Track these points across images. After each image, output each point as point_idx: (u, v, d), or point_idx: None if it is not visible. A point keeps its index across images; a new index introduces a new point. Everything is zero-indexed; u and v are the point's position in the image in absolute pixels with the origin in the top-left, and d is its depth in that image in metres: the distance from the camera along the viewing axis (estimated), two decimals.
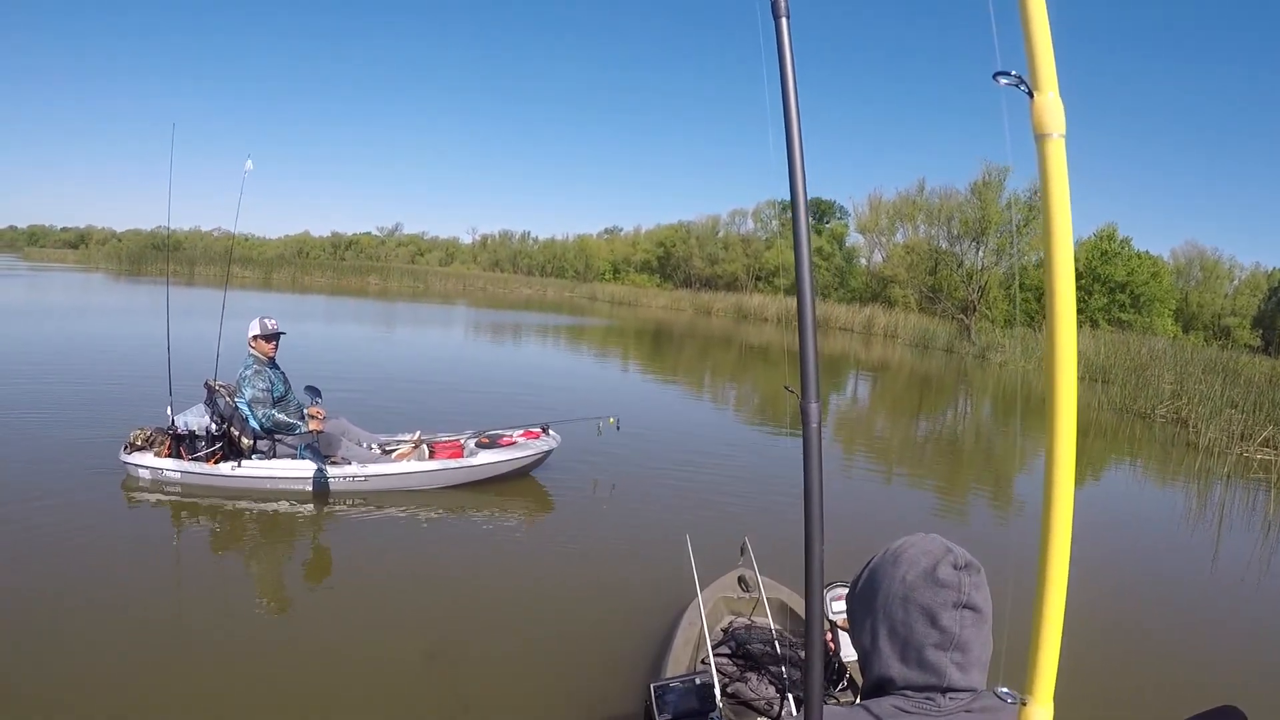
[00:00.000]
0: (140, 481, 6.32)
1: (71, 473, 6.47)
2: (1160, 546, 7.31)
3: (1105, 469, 10.79)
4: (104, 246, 79.04)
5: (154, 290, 33.29)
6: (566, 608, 4.79)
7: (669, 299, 48.75)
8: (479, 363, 17.21)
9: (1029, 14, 0.87)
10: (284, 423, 6.35)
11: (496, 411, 9.71)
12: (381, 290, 48.92)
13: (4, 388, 9.55)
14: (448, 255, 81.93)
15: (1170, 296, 38.69)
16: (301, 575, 5.28)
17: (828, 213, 56.79)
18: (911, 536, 1.33)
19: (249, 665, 3.86)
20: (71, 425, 7.93)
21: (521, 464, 7.08)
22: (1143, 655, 4.84)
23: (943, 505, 8.05)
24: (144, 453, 6.35)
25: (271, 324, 6.57)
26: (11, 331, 15.60)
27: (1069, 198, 0.88)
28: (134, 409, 7.74)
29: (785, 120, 1.37)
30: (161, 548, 5.46)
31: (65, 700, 3.46)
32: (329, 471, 6.34)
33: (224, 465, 6.26)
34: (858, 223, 46.57)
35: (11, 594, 4.39)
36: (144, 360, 10.93)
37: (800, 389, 1.34)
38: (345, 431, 6.76)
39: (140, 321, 19.18)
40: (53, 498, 5.89)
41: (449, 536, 5.95)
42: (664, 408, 12.80)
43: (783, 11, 1.34)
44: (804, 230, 1.37)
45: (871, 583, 1.33)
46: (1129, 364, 19.33)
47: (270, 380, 6.48)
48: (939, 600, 1.20)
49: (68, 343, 14.29)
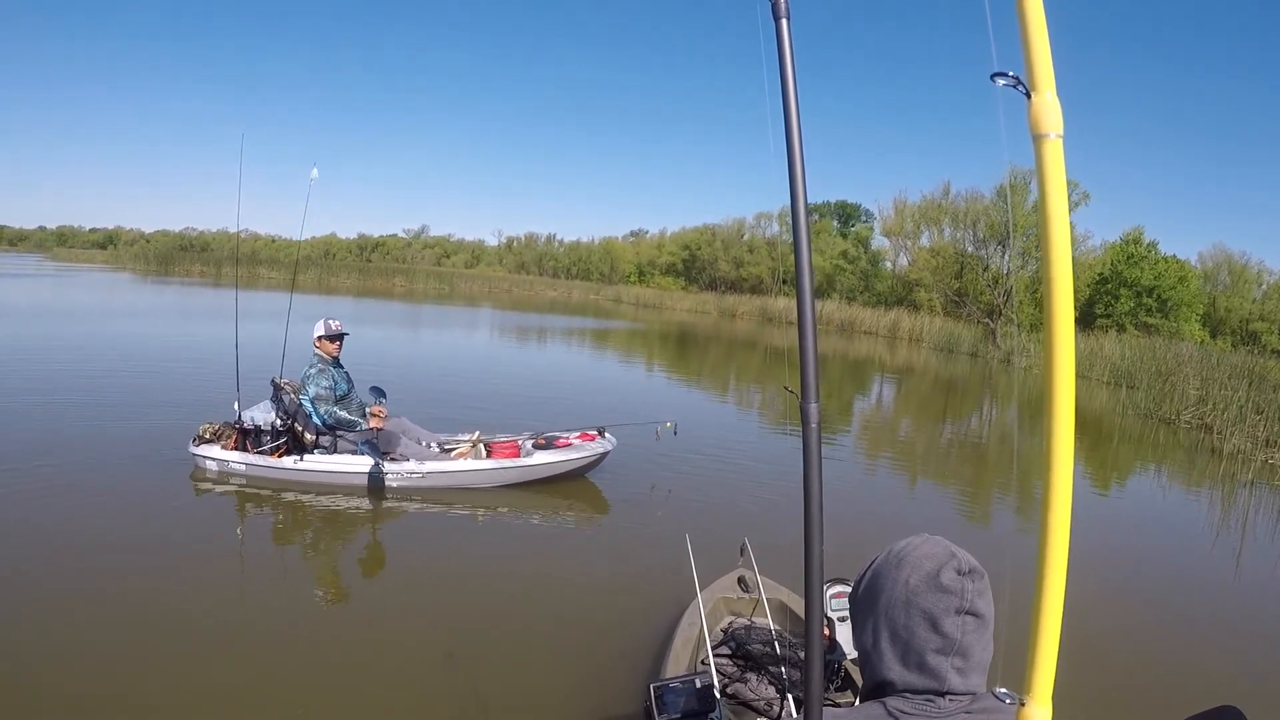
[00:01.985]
0: (208, 472, 6.66)
1: (144, 461, 6.91)
2: (1182, 552, 7.33)
3: (1129, 474, 10.81)
4: (132, 247, 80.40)
5: (213, 293, 34.05)
6: (566, 608, 4.82)
7: (694, 302, 48.77)
8: (530, 366, 17.53)
9: (1026, 15, 0.88)
10: (345, 419, 6.62)
11: (550, 415, 9.90)
12: (407, 292, 49.11)
13: (85, 382, 10.34)
14: (474, 257, 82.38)
15: (1197, 301, 37.99)
16: (349, 567, 5.50)
17: (853, 216, 56.73)
18: (915, 538, 1.33)
19: (292, 652, 4.04)
20: (146, 418, 8.47)
21: (575, 466, 7.15)
22: (1160, 659, 4.86)
23: (959, 507, 8.14)
24: (212, 445, 6.68)
25: (335, 325, 6.86)
26: (88, 331, 16.80)
27: (1066, 197, 0.89)
28: (204, 404, 8.07)
29: (785, 121, 1.39)
30: (225, 535, 5.78)
31: (128, 669, 3.72)
32: (386, 468, 6.55)
33: (287, 459, 6.56)
34: (883, 226, 46.47)
35: (85, 571, 4.75)
36: (213, 359, 11.47)
37: (800, 389, 1.39)
38: (406, 430, 6.98)
39: (203, 323, 20.05)
40: (126, 484, 6.32)
41: (493, 536, 6.08)
42: (690, 409, 12.87)
43: (783, 13, 1.36)
44: (804, 231, 1.38)
45: (874, 584, 1.33)
46: (1155, 369, 19.22)
47: (333, 379, 6.74)
48: (941, 606, 1.21)
49: (140, 342, 15.21)
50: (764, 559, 3.45)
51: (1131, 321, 34.44)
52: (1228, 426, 13.58)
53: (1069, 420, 0.86)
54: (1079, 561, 4.45)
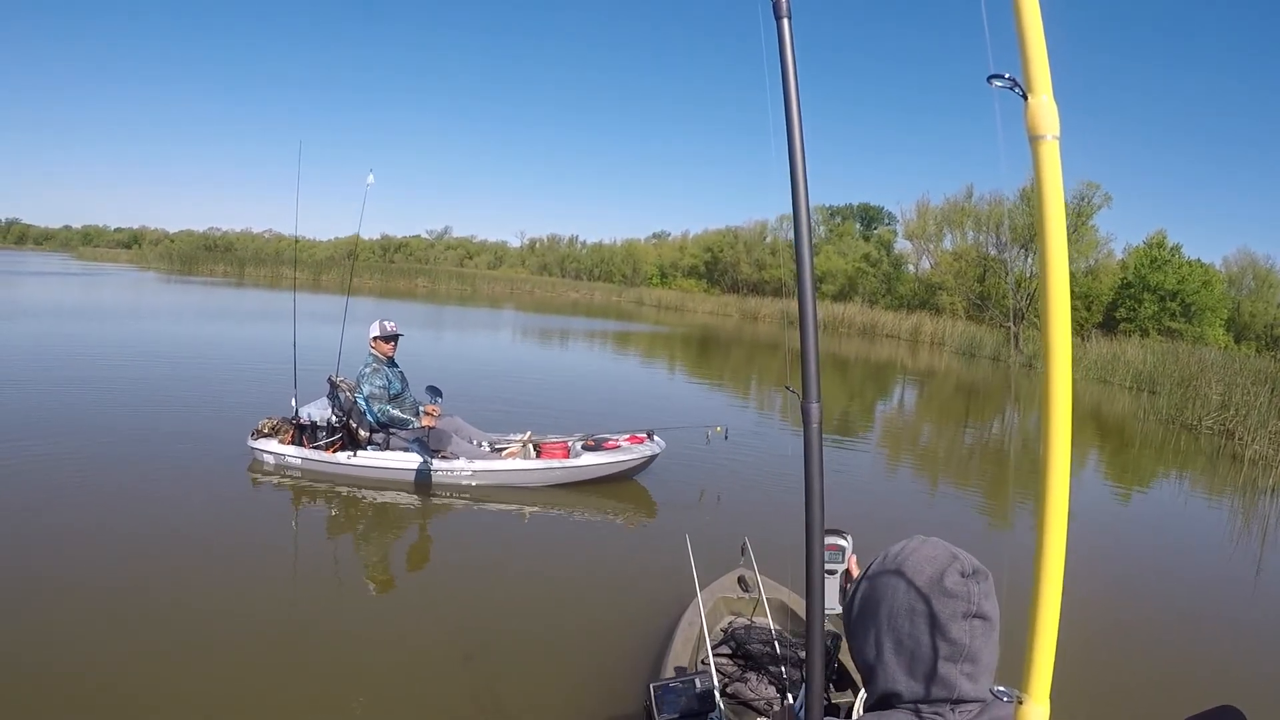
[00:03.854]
0: (265, 465, 7.00)
1: (206, 452, 7.34)
2: (1200, 557, 7.35)
3: (1149, 480, 10.86)
4: (156, 247, 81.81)
5: (268, 296, 34.65)
6: (565, 607, 4.85)
7: (715, 304, 48.80)
8: (566, 369, 17.77)
9: (1022, 17, 0.88)
10: (397, 418, 6.88)
11: (591, 417, 10.20)
12: (430, 293, 49.26)
13: (151, 378, 11.07)
14: (496, 259, 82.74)
15: (1222, 305, 37.51)
16: (387, 560, 5.69)
17: (876, 219, 56.66)
18: (910, 541, 1.28)
19: (337, 642, 4.20)
20: (208, 412, 9.04)
21: (622, 468, 7.22)
22: (1170, 661, 4.89)
23: (974, 510, 8.18)
24: (269, 439, 7.01)
25: (390, 326, 7.12)
26: (154, 330, 17.97)
27: (1063, 198, 0.89)
28: (263, 400, 8.52)
29: (786, 121, 1.39)
30: (280, 526, 6.12)
31: (181, 644, 3.97)
32: (435, 465, 6.79)
33: (341, 454, 6.84)
34: (905, 229, 46.39)
35: (144, 555, 5.07)
36: (272, 357, 11.93)
37: (801, 389, 1.40)
38: (458, 429, 7.20)
39: (260, 325, 20.79)
40: (187, 475, 6.73)
41: (517, 535, 6.17)
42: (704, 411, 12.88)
43: (784, 13, 1.36)
44: (805, 233, 1.38)
45: (872, 593, 1.27)
46: (1177, 374, 19.14)
47: (387, 378, 6.98)
48: (948, 611, 1.16)
49: (205, 341, 16.17)
50: (764, 559, 3.44)
51: (1155, 326, 34.20)
52: (1249, 432, 13.54)
53: (1065, 417, 0.86)
54: (1095, 565, 4.98)
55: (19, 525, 5.39)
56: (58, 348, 13.53)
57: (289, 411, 7.12)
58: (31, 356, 12.31)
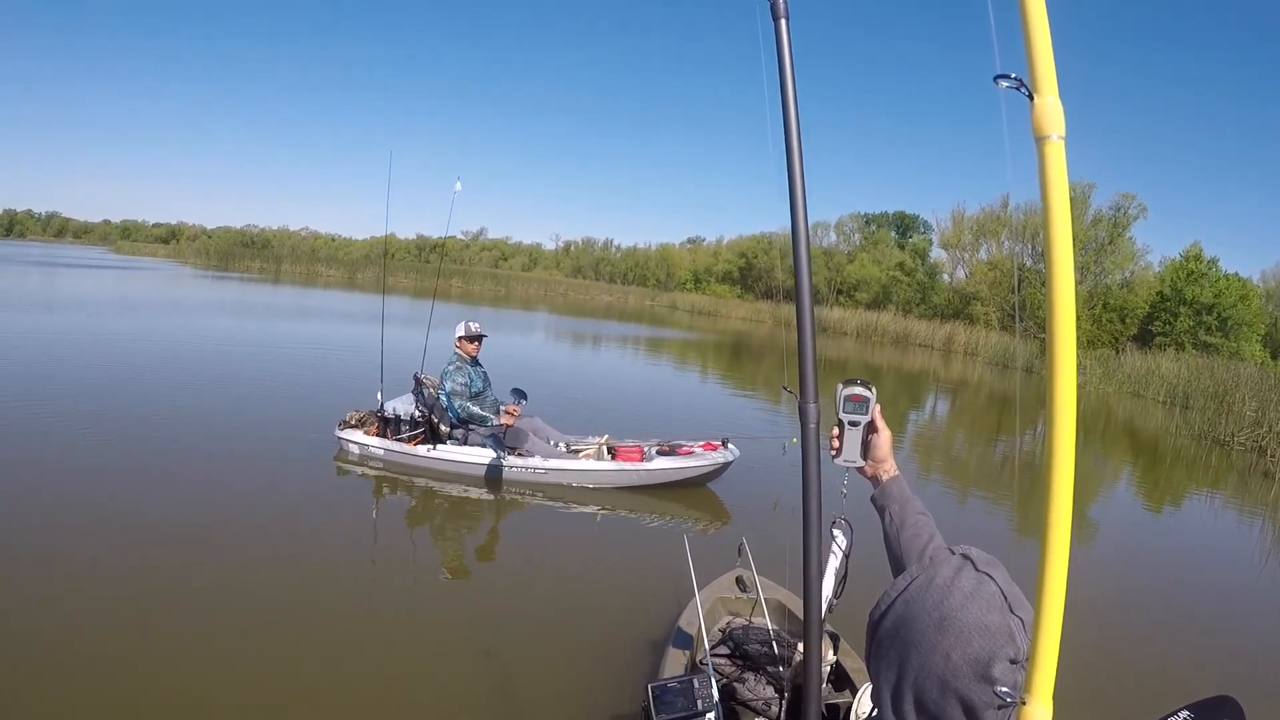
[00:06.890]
0: (350, 455, 7.51)
1: (296, 440, 7.98)
2: (1228, 575, 7.37)
3: (1180, 495, 10.88)
4: (194, 242, 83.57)
5: (342, 297, 35.49)
6: (564, 607, 4.90)
7: (749, 310, 48.78)
8: (645, 379, 17.91)
9: (1028, 17, 0.88)
10: (477, 415, 7.23)
11: (665, 423, 10.47)
12: (464, 293, 49.39)
13: (248, 372, 12.00)
14: (531, 260, 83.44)
15: (1259, 320, 36.64)
16: (456, 552, 5.96)
17: (911, 227, 56.45)
18: (963, 573, 1.12)
19: (403, 630, 4.39)
20: (300, 404, 9.82)
21: (694, 474, 7.35)
22: (1186, 673, 4.81)
23: (997, 519, 8.21)
24: (355, 430, 7.54)
25: (474, 327, 7.49)
26: (255, 327, 19.37)
27: (1069, 199, 0.88)
28: (351, 394, 8.96)
29: (784, 121, 1.40)
30: (361, 512, 6.52)
31: (259, 618, 4.28)
32: (509, 461, 7.11)
33: (422, 447, 7.29)
34: (940, 238, 46.40)
35: (237, 535, 5.46)
36: (362, 354, 12.75)
37: (799, 389, 1.32)
38: (537, 430, 7.46)
39: (345, 325, 22.03)
40: (279, 460, 7.35)
41: (568, 534, 6.36)
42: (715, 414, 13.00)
43: (782, 13, 1.36)
44: (803, 233, 1.36)
45: (907, 627, 1.13)
46: (1211, 389, 19.08)
47: (469, 376, 7.33)
48: (984, 700, 1.04)
49: (300, 338, 17.52)
50: (762, 559, 3.48)
51: (1190, 340, 33.72)
52: None
53: (1070, 421, 0.86)
54: (1122, 574, 5.69)
55: (141, 499, 6.01)
56: (164, 344, 14.46)
57: (375, 405, 7.62)
58: (134, 351, 13.12)
